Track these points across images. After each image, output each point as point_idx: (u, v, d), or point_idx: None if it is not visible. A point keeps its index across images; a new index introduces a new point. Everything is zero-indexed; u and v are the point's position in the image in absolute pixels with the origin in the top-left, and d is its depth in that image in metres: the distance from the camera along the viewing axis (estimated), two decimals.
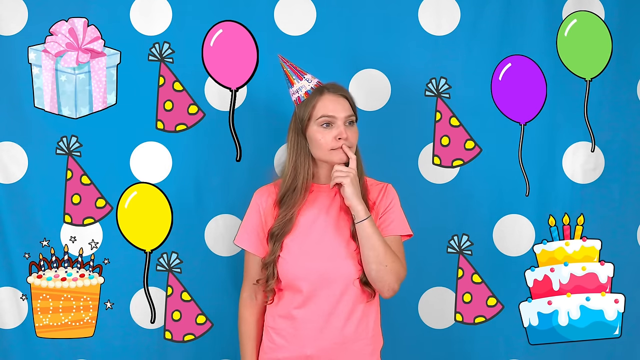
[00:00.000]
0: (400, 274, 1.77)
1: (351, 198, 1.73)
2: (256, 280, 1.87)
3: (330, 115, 1.76)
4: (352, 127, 1.80)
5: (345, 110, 1.78)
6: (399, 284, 1.77)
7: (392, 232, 1.82)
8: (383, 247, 1.73)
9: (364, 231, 1.72)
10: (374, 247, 1.72)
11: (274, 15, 2.20)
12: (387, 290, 1.75)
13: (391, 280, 1.74)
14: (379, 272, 1.73)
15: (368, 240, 1.72)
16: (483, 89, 2.26)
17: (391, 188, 1.88)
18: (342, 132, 1.76)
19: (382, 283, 1.74)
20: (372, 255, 1.72)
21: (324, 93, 1.80)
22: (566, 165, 2.29)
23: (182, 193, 2.21)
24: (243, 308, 1.91)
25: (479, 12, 2.24)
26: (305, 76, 1.85)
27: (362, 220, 1.72)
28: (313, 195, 1.84)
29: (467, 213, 2.27)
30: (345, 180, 1.73)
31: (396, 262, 1.75)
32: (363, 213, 1.73)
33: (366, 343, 1.81)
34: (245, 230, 1.88)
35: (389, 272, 1.73)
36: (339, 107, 1.78)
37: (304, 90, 1.84)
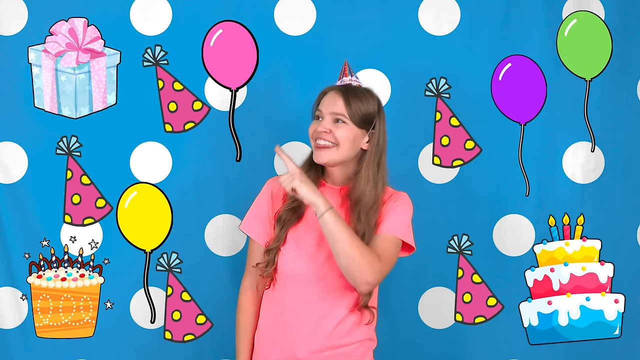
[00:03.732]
0: (375, 266, 1.66)
1: (308, 196, 1.66)
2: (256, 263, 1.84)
3: (319, 109, 1.78)
4: (341, 125, 1.75)
5: (334, 107, 1.75)
6: (375, 278, 1.67)
7: (385, 231, 1.75)
8: (349, 239, 1.64)
9: (326, 225, 1.65)
10: (338, 240, 1.64)
11: (274, 15, 2.20)
12: (360, 283, 1.67)
13: (363, 273, 1.65)
14: (348, 266, 1.65)
15: (331, 234, 1.64)
16: (483, 89, 2.26)
17: (405, 196, 1.83)
18: (322, 125, 1.75)
19: (353, 277, 1.66)
20: (339, 248, 1.64)
21: (331, 90, 1.80)
22: (566, 165, 2.29)
23: (182, 193, 2.21)
24: (243, 297, 1.89)
25: (479, 12, 2.24)
26: (344, 78, 1.85)
27: (323, 214, 1.65)
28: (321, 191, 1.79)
29: (467, 213, 2.27)
30: (294, 183, 1.65)
31: (366, 255, 1.65)
32: (322, 206, 1.65)
33: (359, 345, 1.80)
34: (253, 217, 1.86)
35: (359, 265, 1.64)
36: (328, 102, 1.77)
37: None
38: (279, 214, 1.81)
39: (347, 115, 1.75)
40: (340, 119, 1.75)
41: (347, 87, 1.80)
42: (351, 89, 1.79)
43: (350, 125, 1.76)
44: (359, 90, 1.79)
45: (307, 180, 1.68)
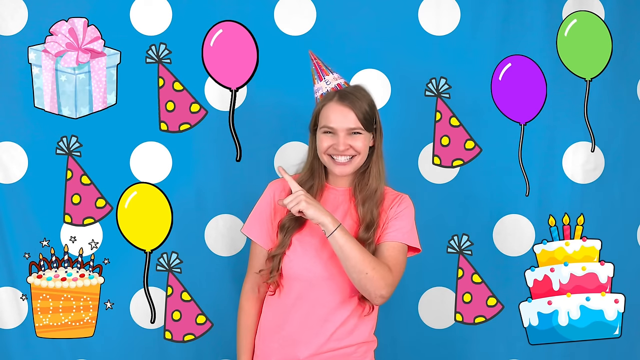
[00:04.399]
0: (387, 279, 1.67)
1: (316, 217, 1.65)
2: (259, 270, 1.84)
3: (330, 127, 1.72)
4: (357, 137, 1.73)
5: (348, 122, 1.71)
6: (389, 290, 1.68)
7: (392, 239, 1.75)
8: (360, 255, 1.65)
9: (336, 243, 1.65)
10: (349, 257, 1.64)
11: (274, 15, 2.20)
12: (375, 297, 1.68)
13: (377, 288, 1.65)
14: (360, 281, 1.65)
15: (342, 251, 1.65)
16: (483, 89, 2.26)
17: (407, 199, 1.83)
18: (340, 143, 1.71)
19: (367, 292, 1.67)
20: (350, 265, 1.65)
21: (332, 100, 1.74)
22: (566, 165, 2.29)
23: (182, 193, 2.21)
24: (244, 300, 1.88)
25: (479, 12, 2.24)
26: (326, 77, 1.82)
27: (332, 232, 1.65)
28: (325, 195, 1.81)
29: (467, 213, 2.27)
30: (301, 206, 1.64)
31: (379, 269, 1.66)
32: (331, 225, 1.65)
33: (360, 346, 1.80)
34: (255, 221, 1.84)
35: (372, 280, 1.65)
36: (340, 118, 1.72)
37: (320, 93, 1.82)
38: (282, 222, 1.79)
39: (362, 127, 1.73)
40: (357, 131, 1.73)
41: (345, 93, 1.75)
42: (349, 93, 1.75)
43: (365, 133, 1.75)
44: (355, 91, 1.76)
45: (313, 200, 1.67)
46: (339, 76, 1.83)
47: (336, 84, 1.82)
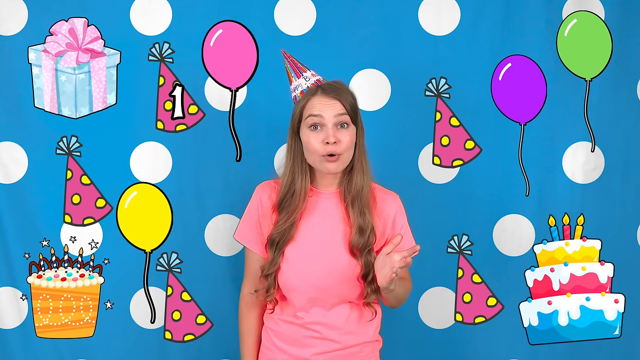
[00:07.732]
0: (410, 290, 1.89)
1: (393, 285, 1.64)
2: (254, 290, 1.83)
3: (316, 115, 1.68)
4: (345, 129, 1.71)
5: (336, 110, 1.69)
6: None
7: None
8: (405, 293, 1.84)
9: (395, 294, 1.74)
10: (402, 299, 1.84)
11: (274, 15, 2.20)
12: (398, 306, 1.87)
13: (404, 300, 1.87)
14: (399, 304, 1.85)
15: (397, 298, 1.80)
16: (483, 89, 2.26)
17: (398, 200, 1.84)
18: (330, 135, 1.67)
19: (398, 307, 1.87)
20: (395, 300, 1.81)
21: (316, 94, 1.72)
22: (566, 165, 2.29)
23: (182, 193, 2.21)
24: (243, 304, 1.88)
25: (479, 12, 2.24)
26: (304, 74, 1.80)
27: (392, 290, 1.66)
28: (313, 200, 1.78)
29: (467, 213, 2.27)
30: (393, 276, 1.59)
31: (409, 288, 1.87)
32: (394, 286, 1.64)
33: (365, 345, 1.80)
34: (246, 226, 1.84)
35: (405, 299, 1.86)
36: (327, 107, 1.69)
37: (299, 90, 1.80)
38: (271, 237, 1.76)
39: (349, 117, 1.71)
40: (345, 122, 1.71)
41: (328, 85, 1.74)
42: (332, 86, 1.74)
43: (352, 125, 1.73)
44: (338, 84, 1.75)
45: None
46: (315, 72, 1.83)
47: (315, 79, 1.80)
